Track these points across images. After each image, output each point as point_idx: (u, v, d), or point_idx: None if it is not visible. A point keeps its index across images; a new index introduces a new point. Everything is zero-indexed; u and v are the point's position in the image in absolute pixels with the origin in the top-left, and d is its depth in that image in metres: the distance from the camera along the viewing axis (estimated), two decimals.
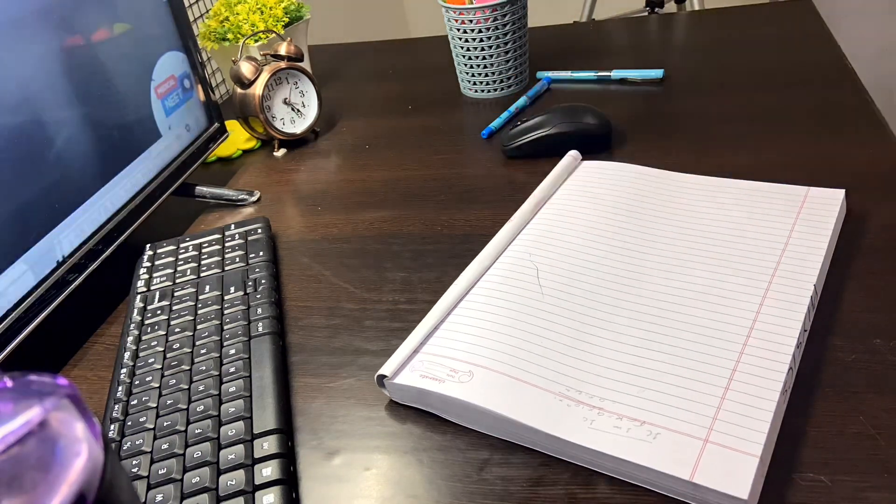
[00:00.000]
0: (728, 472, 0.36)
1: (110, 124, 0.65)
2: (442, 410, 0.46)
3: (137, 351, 0.54)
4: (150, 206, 0.69)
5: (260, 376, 0.50)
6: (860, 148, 0.65)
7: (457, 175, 0.74)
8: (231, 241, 0.66)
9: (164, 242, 0.68)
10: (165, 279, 0.62)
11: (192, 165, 0.76)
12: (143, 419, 0.48)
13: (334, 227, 0.69)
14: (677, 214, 0.57)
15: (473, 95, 0.90)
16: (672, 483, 0.37)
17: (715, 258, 0.51)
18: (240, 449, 0.44)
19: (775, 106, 0.74)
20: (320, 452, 0.46)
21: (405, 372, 0.47)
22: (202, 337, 0.54)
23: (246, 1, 0.89)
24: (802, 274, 0.48)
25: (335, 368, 0.52)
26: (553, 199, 0.62)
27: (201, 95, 0.78)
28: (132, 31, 0.68)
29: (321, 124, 0.89)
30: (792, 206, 0.55)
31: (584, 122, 0.72)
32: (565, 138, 0.71)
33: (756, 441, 0.38)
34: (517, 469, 0.42)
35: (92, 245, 0.62)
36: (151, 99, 0.71)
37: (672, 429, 0.39)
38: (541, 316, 0.49)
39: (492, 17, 0.83)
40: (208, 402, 0.48)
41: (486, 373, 0.45)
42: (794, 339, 0.43)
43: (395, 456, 0.45)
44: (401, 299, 0.58)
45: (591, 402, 0.42)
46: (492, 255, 0.56)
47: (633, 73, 0.85)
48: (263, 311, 0.56)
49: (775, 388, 0.40)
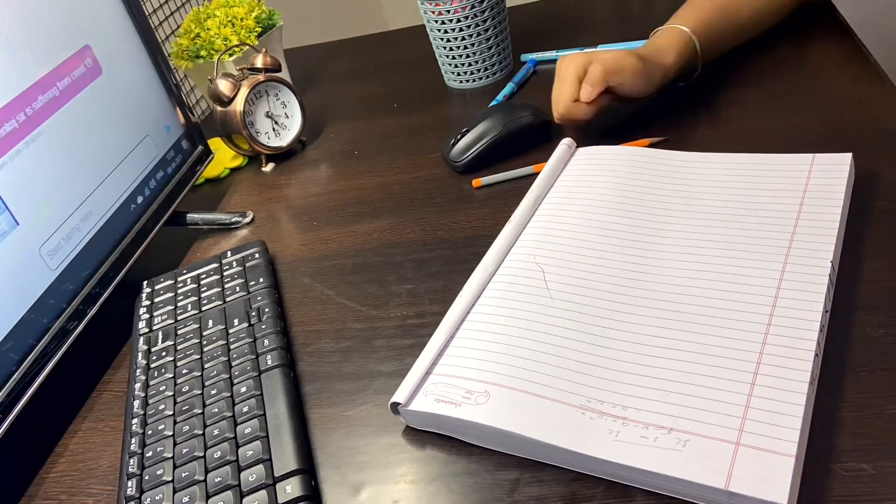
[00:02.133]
0: (764, 477, 0.35)
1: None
2: (461, 434, 0.45)
3: (147, 398, 0.53)
4: (143, 240, 0.68)
5: (275, 413, 0.49)
6: (859, 103, 0.63)
7: (452, 174, 0.72)
8: (229, 269, 0.64)
9: (161, 277, 0.66)
10: (167, 317, 0.61)
11: (180, 193, 0.74)
12: (161, 472, 0.47)
13: (332, 241, 0.68)
14: (680, 196, 0.55)
15: (458, 86, 0.88)
16: (707, 493, 0.36)
17: (724, 243, 0.50)
18: (263, 496, 0.43)
19: (766, 66, 0.72)
20: (345, 489, 0.45)
21: (419, 397, 0.45)
22: (211, 377, 0.53)
23: (216, 15, 0.87)
24: (817, 251, 0.47)
25: (350, 395, 0.51)
26: (552, 192, 0.61)
27: (181, 119, 0.76)
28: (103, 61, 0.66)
29: (307, 133, 0.87)
30: (799, 177, 0.53)
31: (521, 117, 0.71)
32: (510, 138, 0.71)
33: (789, 440, 0.37)
34: (549, 487, 0.41)
35: (89, 289, 0.61)
36: None
37: (701, 434, 0.38)
38: (552, 322, 0.47)
39: (469, 5, 0.80)
40: (225, 447, 0.47)
41: (503, 391, 0.44)
42: (817, 324, 0.42)
43: (421, 485, 0.43)
44: (409, 314, 0.56)
45: (615, 412, 0.41)
46: (495, 259, 0.55)
47: (620, 47, 0.83)
48: (270, 342, 0.54)
49: (803, 380, 0.39)
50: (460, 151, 0.71)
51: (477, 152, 0.70)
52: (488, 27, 0.83)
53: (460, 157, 0.71)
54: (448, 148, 0.72)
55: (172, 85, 0.75)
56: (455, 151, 0.71)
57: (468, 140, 0.71)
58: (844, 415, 0.40)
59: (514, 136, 0.71)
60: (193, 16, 0.88)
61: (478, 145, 0.70)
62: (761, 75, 0.71)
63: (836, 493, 0.37)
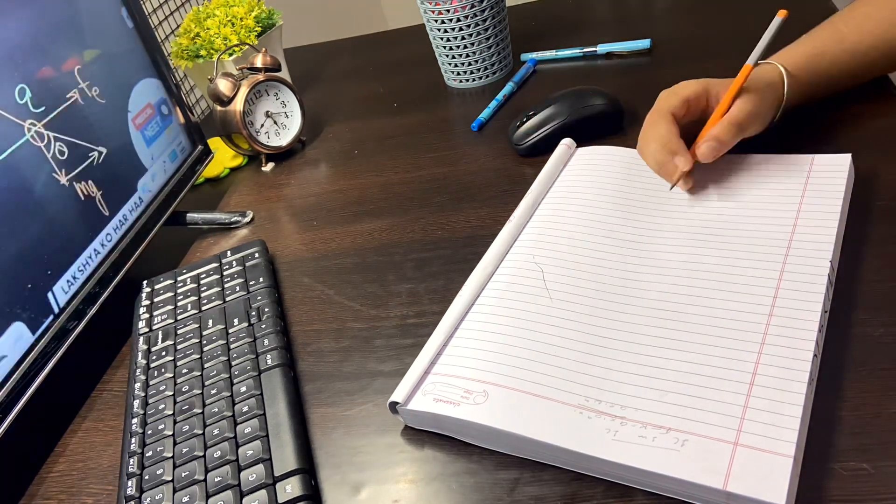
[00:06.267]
0: (762, 477, 0.35)
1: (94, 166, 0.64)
2: (460, 434, 0.45)
3: (147, 398, 0.53)
4: (143, 240, 0.68)
5: (275, 413, 0.49)
6: (860, 104, 0.63)
7: (451, 173, 0.72)
8: (229, 268, 0.64)
9: (161, 277, 0.66)
10: (167, 316, 0.61)
11: (180, 193, 0.74)
12: (161, 471, 0.47)
13: (332, 241, 0.68)
14: (679, 197, 0.55)
15: (458, 86, 0.88)
16: (705, 493, 0.36)
17: (723, 243, 0.50)
18: (263, 495, 0.43)
19: None
20: (345, 488, 0.45)
21: (418, 396, 0.45)
22: (211, 377, 0.53)
23: (215, 14, 0.87)
24: (817, 251, 0.47)
25: (350, 395, 0.51)
26: (551, 193, 0.61)
27: (181, 118, 0.76)
28: (103, 60, 0.66)
29: (306, 132, 0.87)
30: (798, 178, 0.53)
31: (593, 104, 0.68)
32: (578, 125, 0.68)
33: (788, 440, 0.37)
34: (549, 486, 0.41)
35: (89, 289, 0.61)
36: (130, 131, 0.69)
37: (699, 434, 0.38)
38: (551, 322, 0.47)
39: (469, 5, 0.80)
40: (225, 446, 0.47)
41: (501, 391, 0.44)
42: (816, 324, 0.42)
43: (421, 484, 0.43)
44: (409, 313, 0.57)
45: (613, 411, 0.41)
46: (495, 259, 0.55)
47: (620, 46, 0.83)
48: (270, 341, 0.54)
49: (802, 380, 0.39)
50: (524, 134, 0.69)
51: (541, 136, 0.68)
52: (488, 27, 0.83)
53: (523, 139, 0.69)
54: (513, 129, 0.70)
55: (172, 85, 0.75)
56: (519, 134, 0.69)
57: (533, 123, 0.68)
58: (844, 414, 0.40)
59: (583, 123, 0.68)
60: (193, 15, 0.88)
61: (543, 129, 0.68)
62: None
63: (835, 492, 0.37)
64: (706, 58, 0.77)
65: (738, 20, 0.82)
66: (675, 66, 0.78)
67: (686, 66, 0.77)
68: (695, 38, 0.82)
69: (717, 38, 0.80)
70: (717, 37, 0.80)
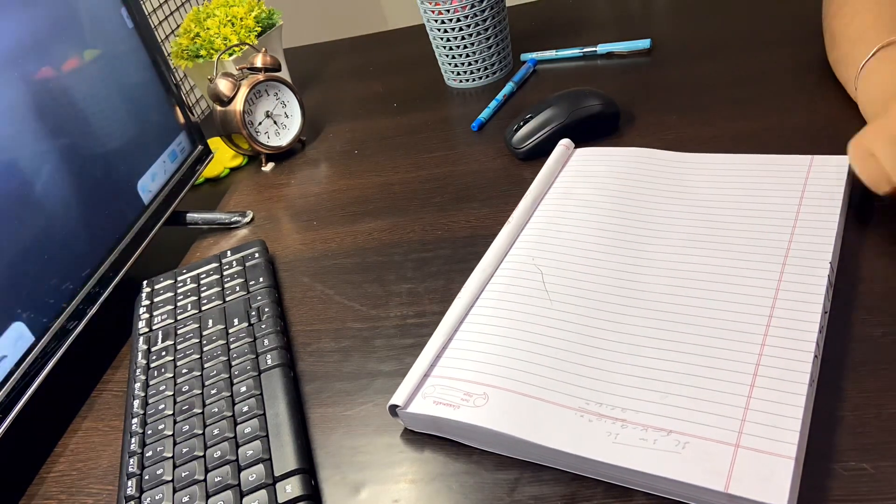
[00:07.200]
0: (763, 478, 0.35)
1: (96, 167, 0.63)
2: (460, 436, 0.45)
3: (146, 398, 0.53)
4: (143, 240, 0.68)
5: (275, 413, 0.49)
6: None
7: (451, 173, 0.72)
8: (229, 268, 0.64)
9: (161, 277, 0.66)
10: (167, 316, 0.61)
11: (180, 192, 0.74)
12: (161, 471, 0.47)
13: (332, 241, 0.68)
14: (678, 198, 0.55)
15: (458, 86, 0.88)
16: (706, 495, 0.36)
17: (723, 244, 0.50)
18: (262, 495, 0.43)
19: (765, 66, 0.72)
20: (345, 488, 0.45)
21: (417, 399, 0.45)
22: (211, 376, 0.53)
23: (215, 14, 0.86)
24: (816, 252, 0.47)
25: (350, 395, 0.51)
26: (550, 193, 0.61)
27: (181, 118, 0.76)
28: (103, 60, 0.66)
29: (307, 132, 0.87)
30: (797, 178, 0.53)
31: (589, 106, 0.69)
32: (575, 128, 0.68)
33: (789, 441, 0.37)
34: (549, 486, 0.41)
35: (89, 289, 0.61)
36: (130, 131, 0.69)
37: (700, 436, 0.38)
38: (550, 325, 0.47)
39: (469, 5, 0.80)
40: (225, 446, 0.47)
41: (502, 394, 0.43)
42: (816, 325, 0.42)
43: (421, 484, 0.43)
44: (409, 313, 0.57)
45: (613, 414, 0.41)
46: (494, 261, 0.55)
47: (620, 46, 0.83)
48: (270, 341, 0.54)
49: (802, 381, 0.39)
50: (523, 138, 0.69)
51: (540, 140, 0.68)
52: (488, 27, 0.83)
53: (522, 143, 0.69)
54: (510, 133, 0.70)
55: (172, 85, 0.75)
56: (517, 138, 0.69)
57: (531, 126, 0.69)
58: (844, 414, 0.40)
59: (580, 125, 0.68)
60: (193, 15, 0.88)
61: (541, 132, 0.68)
62: (760, 75, 0.71)
63: (836, 492, 0.37)
64: (706, 58, 0.77)
65: (737, 20, 0.82)
66: (675, 66, 0.78)
67: (686, 66, 0.77)
68: (695, 38, 0.82)
69: (717, 38, 0.80)
70: (717, 37, 0.80)
